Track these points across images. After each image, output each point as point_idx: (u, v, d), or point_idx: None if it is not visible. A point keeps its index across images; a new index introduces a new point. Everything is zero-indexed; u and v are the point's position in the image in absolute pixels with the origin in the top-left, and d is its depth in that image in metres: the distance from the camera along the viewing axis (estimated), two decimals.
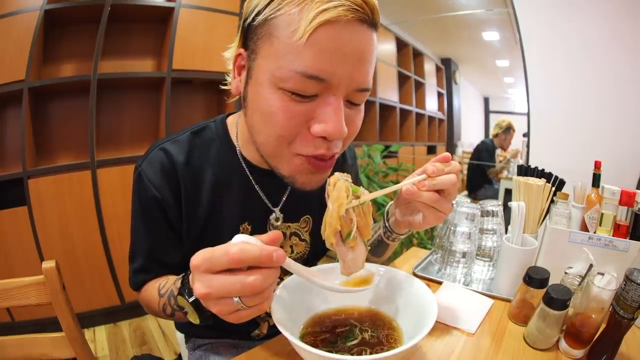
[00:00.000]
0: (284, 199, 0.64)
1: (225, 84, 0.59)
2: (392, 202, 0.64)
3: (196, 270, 0.37)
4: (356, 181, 0.81)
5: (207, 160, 0.60)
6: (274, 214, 0.64)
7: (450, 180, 0.49)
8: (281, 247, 0.64)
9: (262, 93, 0.46)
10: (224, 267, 0.36)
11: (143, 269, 0.62)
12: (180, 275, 0.51)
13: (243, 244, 0.37)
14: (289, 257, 0.65)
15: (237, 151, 0.61)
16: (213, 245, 0.59)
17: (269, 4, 0.43)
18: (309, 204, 0.68)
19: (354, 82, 0.44)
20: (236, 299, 0.36)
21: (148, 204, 0.58)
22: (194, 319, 0.46)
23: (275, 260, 0.36)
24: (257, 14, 0.44)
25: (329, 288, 0.46)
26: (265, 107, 0.46)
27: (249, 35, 0.47)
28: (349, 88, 0.45)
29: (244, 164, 0.61)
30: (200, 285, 0.36)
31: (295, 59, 0.42)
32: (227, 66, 0.55)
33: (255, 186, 0.61)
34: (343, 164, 0.76)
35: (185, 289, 0.45)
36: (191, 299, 0.44)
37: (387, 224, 0.65)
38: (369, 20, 0.43)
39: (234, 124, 0.62)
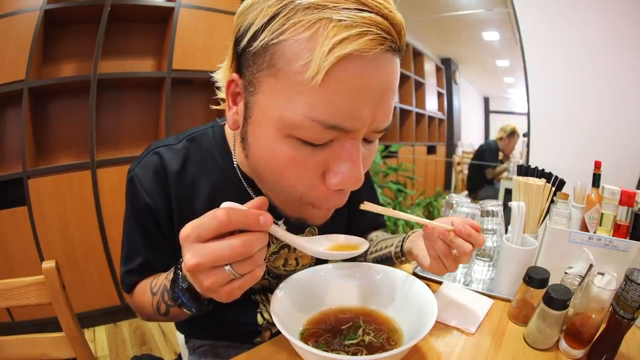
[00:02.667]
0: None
1: (217, 102, 0.52)
2: (418, 231, 0.65)
3: (185, 240, 0.35)
4: (369, 185, 0.80)
5: (204, 170, 0.57)
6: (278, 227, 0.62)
7: (467, 249, 0.52)
8: (286, 259, 0.65)
9: (265, 140, 0.39)
10: (213, 233, 0.35)
11: (136, 272, 0.61)
12: (171, 269, 0.49)
13: (229, 208, 0.36)
14: (295, 269, 0.66)
15: (235, 164, 0.57)
16: None
17: (267, 24, 0.34)
18: None
19: (375, 122, 0.38)
20: (227, 268, 0.35)
21: (141, 210, 0.57)
22: (187, 308, 0.45)
23: (262, 222, 0.36)
24: (254, 37, 0.36)
25: (316, 253, 0.44)
26: (270, 157, 0.39)
27: (244, 62, 0.39)
28: (369, 129, 0.38)
29: (241, 177, 0.57)
30: (190, 256, 0.35)
31: (308, 102, 0.34)
32: (217, 84, 0.49)
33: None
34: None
35: (179, 277, 0.44)
36: (185, 285, 0.43)
37: (403, 248, 0.65)
38: (396, 47, 0.36)
39: (232, 133, 0.58)
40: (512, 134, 2.43)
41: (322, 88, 0.33)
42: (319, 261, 0.70)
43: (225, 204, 0.38)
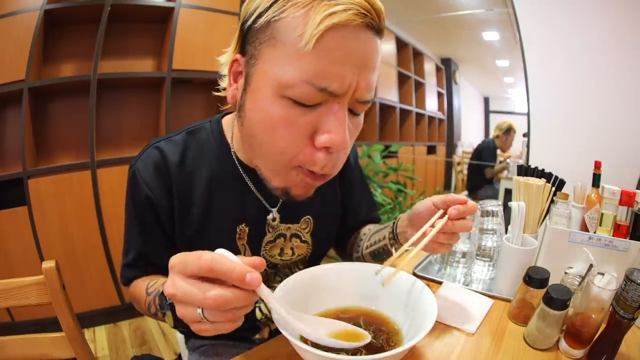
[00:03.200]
0: (282, 199, 0.64)
1: (219, 90, 0.56)
2: (405, 216, 0.65)
3: (171, 269, 0.36)
4: (362, 180, 0.81)
5: (202, 160, 0.60)
6: (271, 214, 0.63)
7: (466, 226, 0.54)
8: (282, 249, 0.66)
9: (261, 102, 0.43)
10: (194, 273, 0.34)
11: (134, 265, 0.62)
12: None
13: (218, 255, 0.35)
14: (290, 258, 0.67)
15: (232, 152, 0.60)
16: (207, 247, 0.60)
17: (271, 5, 0.41)
18: (310, 205, 0.67)
19: (359, 90, 0.43)
20: (199, 310, 0.34)
21: (141, 203, 0.58)
22: (169, 321, 0.46)
23: (248, 281, 0.33)
24: (259, 16, 0.42)
25: (314, 338, 0.41)
26: (265, 117, 0.43)
27: (249, 39, 0.45)
28: (354, 97, 0.43)
29: (238, 166, 0.60)
30: (169, 284, 0.35)
31: (301, 66, 0.39)
32: (222, 71, 0.53)
33: (252, 187, 0.60)
34: (346, 165, 0.75)
35: None
36: (170, 301, 0.43)
37: (396, 237, 0.65)
38: (375, 26, 0.42)
39: (230, 124, 0.61)
40: (509, 130, 2.43)
41: (313, 54, 0.39)
42: (315, 251, 0.71)
43: (219, 251, 0.37)
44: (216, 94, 0.56)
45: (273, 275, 0.68)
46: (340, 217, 0.76)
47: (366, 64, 0.42)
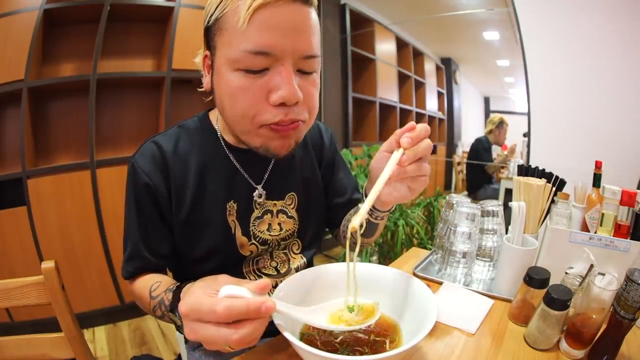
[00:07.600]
0: (267, 176, 0.69)
1: (202, 87, 0.63)
2: (367, 184, 0.63)
3: (185, 317, 0.38)
4: (341, 162, 0.83)
5: (192, 146, 0.65)
6: (257, 191, 0.67)
7: (428, 146, 0.49)
8: (269, 224, 0.69)
9: (223, 78, 0.53)
10: (213, 320, 0.37)
11: (134, 257, 0.64)
12: (172, 287, 0.55)
13: (230, 299, 0.37)
14: (279, 234, 0.70)
15: (219, 136, 0.67)
16: (201, 225, 0.64)
17: (217, 6, 0.51)
18: (293, 181, 0.72)
19: (297, 51, 0.50)
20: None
21: (140, 192, 0.62)
22: (177, 321, 0.49)
23: (264, 312, 0.37)
24: (211, 16, 0.52)
25: (327, 327, 0.45)
26: (227, 89, 0.52)
27: (209, 36, 0.55)
28: (295, 57, 0.50)
29: (225, 147, 0.66)
30: (188, 331, 0.38)
31: (241, 41, 0.49)
32: (200, 71, 0.62)
33: (237, 166, 0.66)
34: (321, 145, 0.80)
35: (177, 305, 0.47)
36: (179, 322, 0.47)
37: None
38: None
39: (215, 113, 0.69)
40: (501, 123, 2.42)
41: (248, 30, 0.48)
42: (302, 226, 0.73)
43: (225, 290, 0.38)
44: (200, 89, 0.63)
45: (263, 251, 0.70)
46: (326, 198, 0.80)
47: (297, 28, 0.50)
